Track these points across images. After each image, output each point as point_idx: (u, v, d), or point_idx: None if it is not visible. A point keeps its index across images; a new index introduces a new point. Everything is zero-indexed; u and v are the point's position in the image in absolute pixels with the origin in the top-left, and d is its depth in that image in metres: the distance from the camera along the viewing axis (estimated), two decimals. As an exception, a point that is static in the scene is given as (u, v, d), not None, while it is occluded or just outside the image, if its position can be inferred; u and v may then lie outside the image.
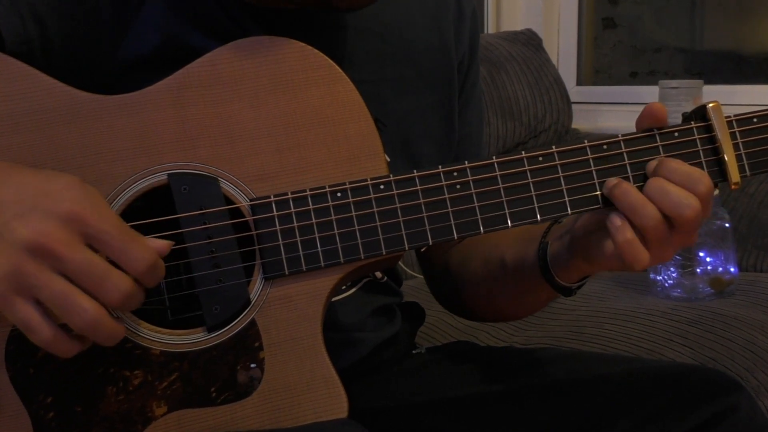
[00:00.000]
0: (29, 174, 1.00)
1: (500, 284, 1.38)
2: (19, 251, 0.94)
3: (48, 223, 0.94)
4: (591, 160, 1.14)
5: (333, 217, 1.10)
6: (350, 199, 1.11)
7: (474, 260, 1.43)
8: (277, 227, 1.10)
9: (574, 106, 3.26)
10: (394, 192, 1.11)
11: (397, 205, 1.11)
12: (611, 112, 3.50)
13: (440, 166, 1.13)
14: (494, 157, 1.13)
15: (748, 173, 1.16)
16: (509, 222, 1.13)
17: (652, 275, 2.32)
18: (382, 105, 1.32)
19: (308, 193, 1.10)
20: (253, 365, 1.09)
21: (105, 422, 1.06)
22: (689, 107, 1.61)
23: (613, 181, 1.14)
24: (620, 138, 1.15)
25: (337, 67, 1.14)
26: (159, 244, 1.02)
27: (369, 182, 1.11)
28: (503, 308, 1.44)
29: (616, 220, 1.11)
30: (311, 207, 1.10)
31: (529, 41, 3.24)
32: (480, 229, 1.12)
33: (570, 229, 1.22)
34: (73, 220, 0.95)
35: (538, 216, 1.13)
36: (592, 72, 3.91)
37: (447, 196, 1.12)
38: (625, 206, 1.11)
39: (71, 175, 1.00)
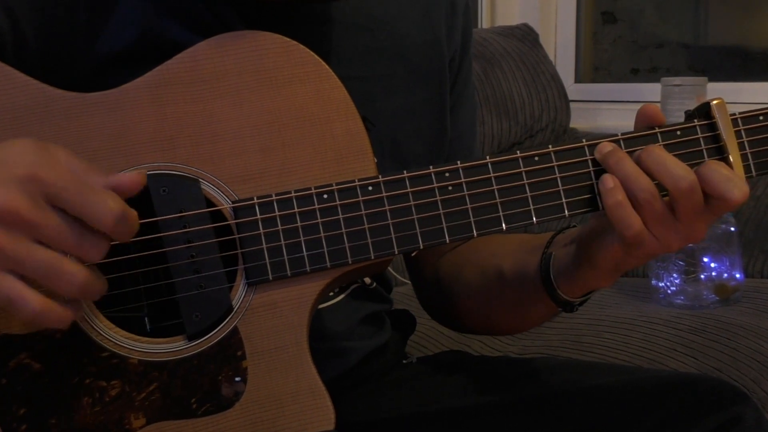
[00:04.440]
0: None
1: (496, 296, 1.38)
2: None
3: (8, 190, 0.92)
4: (590, 161, 1.15)
5: (319, 220, 1.11)
6: (337, 202, 1.11)
7: (468, 270, 1.43)
8: (261, 230, 1.10)
9: (572, 105, 3.27)
10: (383, 194, 1.12)
11: (387, 208, 1.12)
12: (611, 110, 3.50)
13: (431, 167, 1.13)
14: (488, 158, 1.14)
15: (753, 174, 1.16)
16: (504, 225, 1.13)
17: (654, 282, 2.32)
18: (371, 103, 1.32)
19: (293, 194, 1.11)
20: (236, 376, 1.09)
21: (81, 435, 1.07)
22: (692, 105, 1.61)
23: (607, 147, 1.14)
24: (620, 137, 1.15)
25: (323, 63, 1.15)
26: (124, 180, 0.98)
27: (357, 183, 1.12)
28: (498, 322, 1.44)
29: (608, 182, 1.12)
30: (296, 209, 1.11)
31: (525, 36, 3.24)
32: (473, 232, 1.13)
33: (576, 237, 1.22)
34: (30, 181, 0.93)
35: (534, 219, 1.14)
36: (591, 69, 3.91)
37: (438, 197, 1.13)
38: (619, 176, 1.11)
39: (27, 138, 0.98)
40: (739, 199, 1.10)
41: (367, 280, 1.42)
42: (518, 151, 1.14)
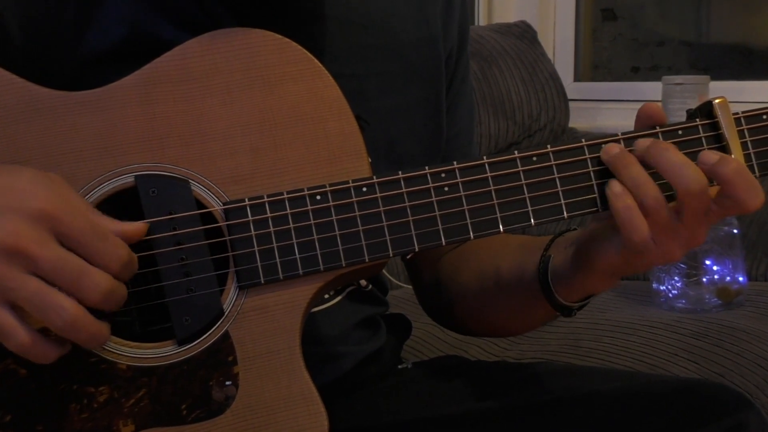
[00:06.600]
0: None
1: (495, 298, 1.38)
2: None
3: (18, 223, 0.95)
4: (589, 161, 1.14)
5: (312, 222, 1.11)
6: (330, 203, 1.11)
7: (467, 271, 1.43)
8: (252, 232, 1.10)
9: (571, 104, 3.27)
10: (378, 195, 1.12)
11: (381, 209, 1.12)
12: (611, 109, 3.51)
13: (427, 167, 1.13)
14: (485, 158, 1.14)
15: (757, 174, 1.16)
16: (501, 227, 1.13)
17: (655, 285, 2.32)
18: (365, 101, 1.32)
19: (285, 196, 1.11)
20: (227, 381, 1.09)
21: (68, 442, 1.07)
22: (694, 104, 1.62)
23: (615, 149, 1.14)
24: (620, 137, 1.15)
25: (316, 60, 1.14)
26: (131, 229, 1.03)
27: (350, 184, 1.12)
28: (497, 324, 1.44)
29: (616, 186, 1.11)
30: (288, 211, 1.11)
31: (523, 34, 3.24)
32: (470, 234, 1.13)
33: (575, 240, 1.22)
34: (43, 218, 0.96)
35: (532, 220, 1.14)
36: (591, 67, 3.92)
37: (434, 198, 1.13)
38: (627, 181, 1.11)
39: (35, 169, 1.00)
40: (757, 208, 1.10)
41: (363, 282, 1.42)
42: (516, 152, 1.14)
